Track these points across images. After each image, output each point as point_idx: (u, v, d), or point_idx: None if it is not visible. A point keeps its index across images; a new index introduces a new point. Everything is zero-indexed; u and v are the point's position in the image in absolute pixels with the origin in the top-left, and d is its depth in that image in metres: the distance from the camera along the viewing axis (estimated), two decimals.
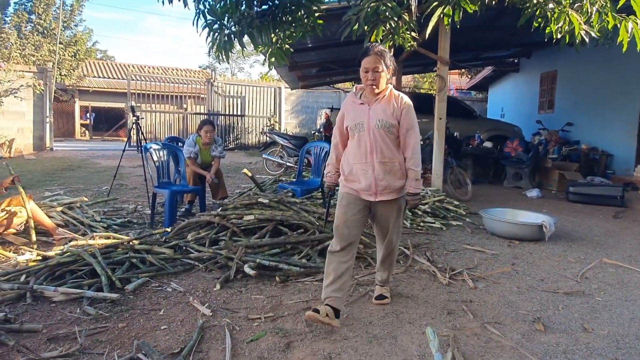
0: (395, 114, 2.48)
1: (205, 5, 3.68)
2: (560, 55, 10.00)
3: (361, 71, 2.47)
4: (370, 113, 2.49)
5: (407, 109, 2.50)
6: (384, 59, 2.43)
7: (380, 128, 2.46)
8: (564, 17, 3.56)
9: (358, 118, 2.52)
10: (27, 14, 16.26)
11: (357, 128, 2.51)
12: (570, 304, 2.96)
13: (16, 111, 11.61)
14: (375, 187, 2.50)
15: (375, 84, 2.45)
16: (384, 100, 2.50)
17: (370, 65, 2.43)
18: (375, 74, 2.43)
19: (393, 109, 2.48)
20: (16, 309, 2.60)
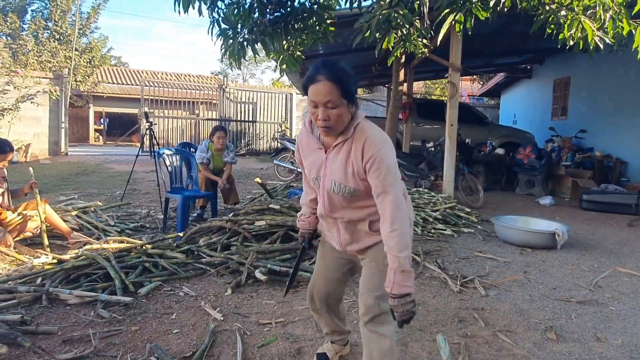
0: (358, 172, 1.60)
1: (219, 14, 3.74)
2: (573, 61, 9.93)
3: (309, 104, 1.60)
4: (327, 168, 1.68)
5: (377, 161, 1.55)
6: (341, 86, 1.52)
7: (336, 193, 1.67)
8: (577, 24, 3.55)
9: (314, 169, 1.73)
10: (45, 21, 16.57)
11: (314, 182, 1.76)
12: (583, 313, 2.92)
13: (33, 116, 11.83)
14: (342, 247, 1.83)
15: (329, 125, 1.56)
16: (345, 147, 1.62)
17: (319, 99, 1.53)
18: (328, 111, 1.54)
19: (355, 164, 1.60)
20: (32, 311, 2.64)
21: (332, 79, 1.52)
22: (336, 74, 1.53)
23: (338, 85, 1.52)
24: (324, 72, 1.53)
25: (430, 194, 6.09)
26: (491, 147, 9.42)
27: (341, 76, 1.54)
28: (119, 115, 23.27)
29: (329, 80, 1.52)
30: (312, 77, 1.55)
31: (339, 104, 1.54)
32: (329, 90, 1.52)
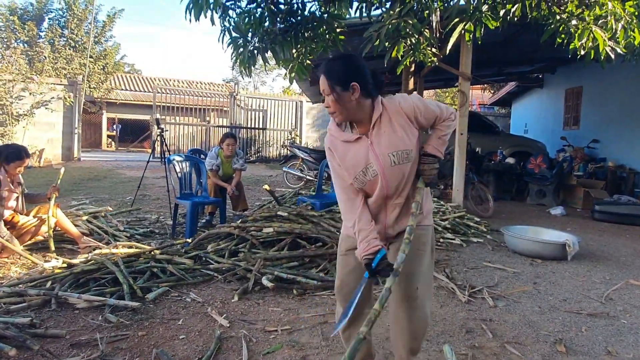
0: (408, 130, 1.75)
1: (230, 23, 3.78)
2: (585, 70, 9.86)
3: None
4: (375, 148, 1.73)
5: (417, 103, 1.76)
6: (329, 76, 1.69)
7: (397, 164, 1.73)
8: (588, 34, 3.53)
9: (361, 160, 1.74)
10: (61, 29, 16.91)
11: (364, 175, 1.75)
12: (593, 325, 2.88)
13: (47, 122, 12.02)
14: (384, 233, 1.84)
15: (331, 112, 1.73)
16: (383, 122, 1.74)
17: (321, 87, 1.75)
18: (327, 97, 1.72)
19: (401, 126, 1.74)
20: (41, 314, 2.67)
21: (324, 71, 1.72)
22: (328, 66, 1.73)
23: (327, 76, 1.70)
24: (322, 66, 1.75)
25: (440, 203, 6.05)
26: (502, 156, 9.36)
27: (331, 67, 1.71)
28: (131, 122, 23.54)
29: (322, 72, 1.73)
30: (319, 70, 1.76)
31: (331, 91, 1.69)
32: (322, 80, 1.72)
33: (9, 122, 11.11)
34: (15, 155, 3.77)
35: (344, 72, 1.69)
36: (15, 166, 3.76)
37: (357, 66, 1.73)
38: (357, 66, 1.73)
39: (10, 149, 3.83)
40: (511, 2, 3.75)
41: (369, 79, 1.72)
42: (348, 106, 1.71)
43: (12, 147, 3.91)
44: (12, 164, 3.74)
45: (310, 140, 16.70)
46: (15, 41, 16.10)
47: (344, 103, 1.70)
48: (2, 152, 3.76)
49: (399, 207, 1.81)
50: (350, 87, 1.67)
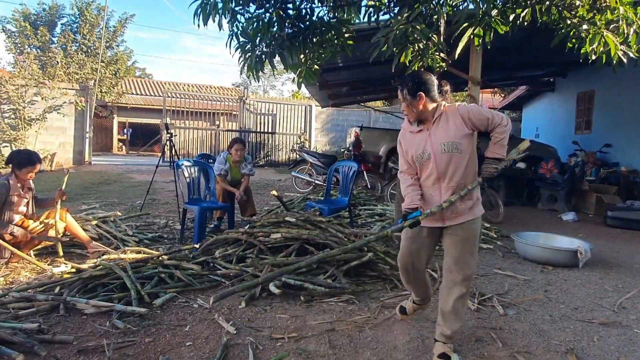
0: (460, 128, 2.28)
1: (238, 27, 3.78)
2: (598, 74, 9.72)
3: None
4: (432, 139, 2.31)
5: (471, 110, 2.28)
6: (403, 89, 2.31)
7: (446, 152, 2.27)
8: (599, 38, 3.48)
9: (420, 147, 2.34)
10: (73, 35, 17.11)
11: (422, 157, 2.34)
12: (606, 335, 2.82)
13: (59, 126, 12.15)
14: (441, 214, 2.33)
15: (407, 114, 2.36)
16: (442, 120, 2.32)
17: (399, 97, 2.37)
18: (402, 104, 2.36)
19: (455, 124, 2.29)
20: (50, 319, 2.69)
21: (400, 83, 2.35)
22: (402, 81, 2.36)
23: (400, 88, 2.34)
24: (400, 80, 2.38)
25: None
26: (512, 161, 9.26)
27: (402, 82, 2.34)
28: (142, 126, 23.75)
29: (400, 82, 2.36)
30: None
31: (403, 99, 2.33)
32: (399, 92, 2.36)
33: (21, 126, 11.26)
34: (27, 160, 3.80)
35: (414, 84, 2.31)
36: (27, 171, 3.79)
37: (424, 80, 2.34)
38: (424, 80, 2.34)
39: (22, 155, 3.87)
40: (521, 6, 3.71)
41: (432, 89, 2.32)
42: (417, 109, 2.32)
43: (24, 153, 3.95)
44: (24, 169, 3.77)
45: (319, 144, 16.70)
46: (28, 46, 16.34)
47: (414, 107, 2.31)
48: (14, 157, 3.80)
49: (452, 190, 2.31)
50: (418, 95, 2.29)
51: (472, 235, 2.34)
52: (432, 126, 2.33)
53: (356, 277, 3.55)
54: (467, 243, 2.33)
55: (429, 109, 2.32)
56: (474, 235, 2.35)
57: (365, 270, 3.64)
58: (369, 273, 3.63)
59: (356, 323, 2.79)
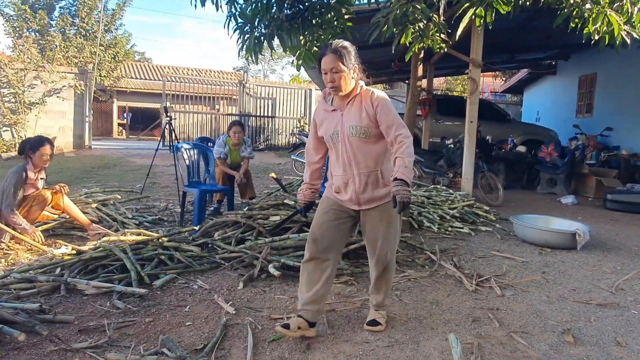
0: (370, 116, 2.17)
1: (236, 8, 3.74)
2: (600, 57, 9.64)
3: (322, 74, 2.19)
4: (344, 120, 2.21)
5: (382, 104, 2.16)
6: (343, 58, 2.12)
7: (355, 136, 2.18)
8: (602, 18, 3.43)
9: (332, 127, 2.25)
10: (72, 18, 16.91)
11: (332, 138, 2.25)
12: (603, 316, 2.85)
13: (58, 110, 12.11)
14: (357, 199, 2.27)
15: (335, 86, 2.15)
16: (356, 102, 2.20)
17: (327, 66, 2.13)
18: (335, 75, 2.13)
19: (366, 110, 2.17)
20: (51, 300, 2.71)
21: (333, 51, 2.14)
22: (337, 48, 2.15)
23: (337, 56, 2.13)
24: (330, 47, 2.17)
25: (449, 192, 6.01)
26: (512, 144, 9.24)
27: (342, 51, 2.15)
28: (141, 110, 23.66)
29: (331, 52, 2.14)
30: (322, 53, 2.20)
31: (340, 70, 2.13)
32: (331, 59, 2.14)
33: (21, 110, 11.22)
34: (38, 142, 3.82)
35: (351, 56, 2.17)
36: (40, 154, 3.80)
37: (356, 53, 2.22)
38: (356, 53, 2.22)
39: (32, 139, 3.90)
40: None
41: (359, 65, 2.22)
42: (348, 83, 2.17)
43: (33, 138, 3.97)
44: (37, 152, 3.78)
45: None
46: (27, 30, 16.17)
47: (347, 80, 2.16)
48: (25, 144, 3.82)
49: (365, 177, 2.24)
50: (353, 68, 2.18)
51: (387, 216, 2.27)
52: (345, 107, 2.22)
53: (355, 259, 3.57)
54: (382, 224, 2.28)
55: (350, 87, 2.20)
56: (389, 215, 2.27)
57: (364, 252, 3.63)
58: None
59: (354, 304, 2.82)
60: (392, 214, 2.25)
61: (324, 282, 2.28)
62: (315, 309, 2.28)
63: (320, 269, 2.29)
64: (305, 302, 2.27)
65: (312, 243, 2.30)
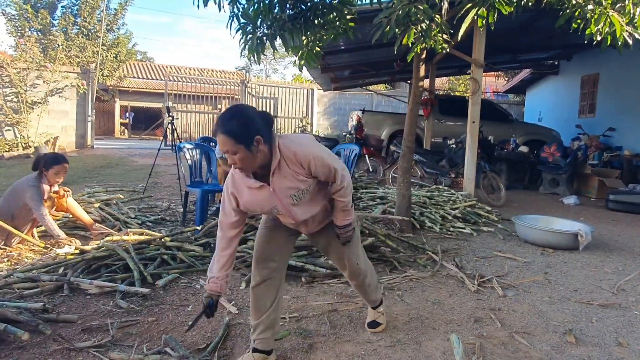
0: (306, 175, 1.88)
1: (239, 9, 3.74)
2: (602, 57, 9.63)
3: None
4: (278, 194, 1.88)
5: (312, 161, 1.84)
6: (235, 136, 1.71)
7: (299, 199, 1.92)
8: (605, 18, 3.42)
9: (266, 204, 1.92)
10: (74, 17, 16.93)
11: (272, 212, 1.98)
12: (605, 316, 2.85)
13: (61, 110, 12.14)
14: (306, 230, 2.14)
15: (239, 167, 1.81)
16: (282, 170, 1.84)
17: (222, 147, 1.76)
18: (233, 156, 1.75)
19: (299, 172, 1.86)
20: (54, 299, 2.72)
21: (223, 130, 1.72)
22: (226, 126, 1.72)
23: (228, 136, 1.71)
24: (219, 126, 1.74)
25: (450, 192, 6.01)
26: (515, 144, 9.24)
27: (230, 127, 1.72)
28: (143, 110, 23.69)
29: (222, 133, 1.73)
30: (215, 130, 1.78)
31: (237, 150, 1.73)
32: (223, 140, 1.73)
33: (23, 109, 11.25)
34: (53, 159, 3.81)
35: (245, 130, 1.73)
36: (55, 172, 3.79)
37: (252, 118, 1.78)
38: (252, 118, 1.78)
39: (48, 156, 3.88)
40: None
41: (263, 127, 1.78)
42: (254, 160, 1.78)
43: (49, 155, 3.94)
44: (52, 170, 3.78)
45: (321, 128, 16.65)
46: (29, 30, 16.20)
47: (250, 158, 1.76)
48: (40, 160, 3.80)
49: (315, 218, 2.05)
50: (254, 141, 1.74)
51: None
52: (272, 179, 1.85)
53: None
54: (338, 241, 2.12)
55: (265, 155, 1.80)
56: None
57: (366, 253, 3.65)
58: (370, 255, 3.62)
59: (357, 304, 2.82)
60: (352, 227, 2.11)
61: (275, 306, 2.09)
62: (270, 334, 2.10)
63: (270, 292, 2.08)
64: (260, 331, 2.07)
65: (257, 265, 2.09)
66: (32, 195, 3.64)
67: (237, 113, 1.78)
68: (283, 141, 1.84)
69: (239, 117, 1.76)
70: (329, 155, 1.91)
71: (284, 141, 1.84)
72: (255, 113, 1.82)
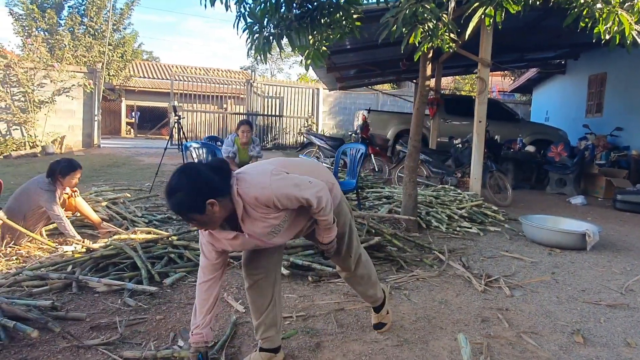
0: (277, 211, 1.79)
1: (245, 8, 3.75)
2: (610, 56, 9.55)
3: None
4: (256, 237, 1.83)
5: (278, 200, 1.74)
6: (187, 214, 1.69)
7: (281, 232, 1.87)
8: (613, 17, 3.40)
9: (247, 245, 1.90)
10: (80, 17, 17.01)
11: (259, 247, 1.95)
12: (613, 316, 2.83)
13: (68, 109, 12.20)
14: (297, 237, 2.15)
15: (209, 229, 1.81)
16: (251, 215, 1.77)
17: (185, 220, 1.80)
18: (198, 225, 1.77)
19: (267, 214, 1.78)
20: (62, 297, 2.74)
21: (171, 207, 1.71)
22: (172, 201, 1.68)
23: (178, 211, 1.70)
24: (167, 200, 1.71)
25: (457, 192, 5.99)
26: (521, 144, 9.19)
27: (176, 201, 1.67)
28: (149, 109, 23.79)
29: (171, 208, 1.73)
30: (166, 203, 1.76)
31: (192, 218, 1.70)
32: (177, 214, 1.73)
33: (31, 109, 11.32)
34: (69, 167, 3.83)
35: (192, 199, 1.65)
36: (70, 178, 3.84)
37: (199, 182, 1.67)
38: (199, 182, 1.67)
39: (63, 163, 3.89)
40: None
41: (215, 184, 1.68)
42: (215, 220, 1.72)
43: (64, 161, 3.94)
44: (68, 177, 3.82)
45: (326, 127, 16.64)
46: (36, 29, 16.30)
47: (210, 220, 1.71)
48: (55, 168, 3.82)
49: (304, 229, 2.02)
50: (207, 205, 1.65)
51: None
52: (244, 225, 1.79)
53: None
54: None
55: (227, 208, 1.73)
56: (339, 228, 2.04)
57: (372, 252, 3.65)
58: (377, 255, 3.65)
59: (363, 303, 2.81)
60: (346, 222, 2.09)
61: (273, 303, 2.07)
62: (274, 332, 2.07)
63: (265, 291, 2.05)
64: (263, 331, 2.06)
65: (246, 270, 2.06)
66: (48, 199, 3.69)
67: (180, 183, 1.67)
68: (241, 188, 1.73)
69: (184, 188, 1.66)
70: (295, 187, 1.77)
71: (242, 188, 1.73)
72: (204, 171, 1.70)
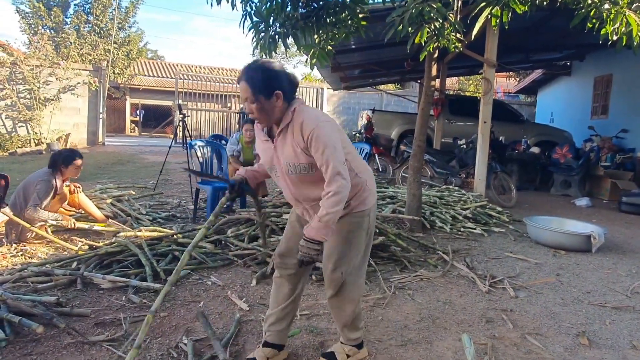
0: (305, 150, 1.76)
1: (251, 7, 3.75)
2: (616, 58, 9.51)
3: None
4: (278, 155, 1.84)
5: (313, 139, 1.72)
6: (255, 85, 1.73)
7: (294, 174, 1.82)
8: (621, 18, 3.38)
9: (268, 160, 1.90)
10: (86, 16, 17.09)
11: (271, 172, 1.95)
12: (618, 319, 2.82)
13: (73, 107, 12.26)
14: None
15: (254, 118, 1.81)
16: (288, 134, 1.79)
17: (242, 95, 1.80)
18: (251, 105, 1.76)
19: (299, 145, 1.76)
20: (67, 293, 2.75)
21: (245, 78, 1.76)
22: (249, 73, 1.76)
23: (250, 84, 1.74)
24: (243, 73, 1.78)
25: (461, 192, 5.98)
26: (526, 145, 9.16)
27: (253, 75, 1.75)
28: (154, 107, 23.80)
29: (244, 80, 1.76)
30: (238, 78, 1.81)
31: (254, 100, 1.74)
32: (244, 88, 1.76)
33: (36, 106, 11.37)
34: (71, 157, 3.85)
35: (267, 80, 1.74)
36: (74, 167, 3.85)
37: (277, 73, 1.78)
38: (277, 73, 1.78)
39: (65, 153, 3.92)
40: None
41: (288, 86, 1.79)
42: (271, 113, 1.78)
43: (65, 151, 3.99)
44: (70, 166, 3.83)
45: None
46: (42, 27, 16.38)
47: (267, 110, 1.77)
48: (57, 158, 3.84)
49: (316, 206, 1.84)
50: (274, 94, 1.75)
51: (347, 230, 1.91)
52: (278, 139, 1.83)
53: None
54: (340, 236, 1.90)
55: (281, 112, 1.79)
56: (348, 230, 1.91)
57: (376, 252, 3.65)
58: (380, 254, 3.65)
59: (367, 303, 2.82)
60: (352, 228, 1.92)
61: (292, 300, 2.07)
62: (281, 328, 2.07)
63: (288, 285, 2.07)
64: (272, 322, 2.07)
65: (278, 259, 2.07)
66: (38, 187, 3.68)
67: (263, 64, 1.79)
68: (300, 107, 1.80)
69: (264, 69, 1.77)
70: (332, 146, 1.72)
71: (300, 107, 1.80)
72: (282, 70, 1.82)
